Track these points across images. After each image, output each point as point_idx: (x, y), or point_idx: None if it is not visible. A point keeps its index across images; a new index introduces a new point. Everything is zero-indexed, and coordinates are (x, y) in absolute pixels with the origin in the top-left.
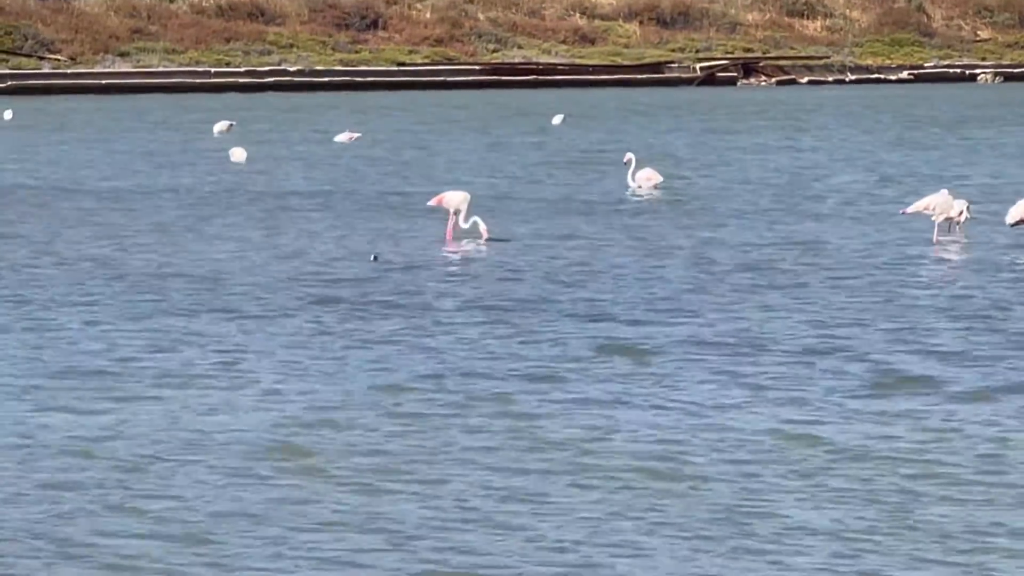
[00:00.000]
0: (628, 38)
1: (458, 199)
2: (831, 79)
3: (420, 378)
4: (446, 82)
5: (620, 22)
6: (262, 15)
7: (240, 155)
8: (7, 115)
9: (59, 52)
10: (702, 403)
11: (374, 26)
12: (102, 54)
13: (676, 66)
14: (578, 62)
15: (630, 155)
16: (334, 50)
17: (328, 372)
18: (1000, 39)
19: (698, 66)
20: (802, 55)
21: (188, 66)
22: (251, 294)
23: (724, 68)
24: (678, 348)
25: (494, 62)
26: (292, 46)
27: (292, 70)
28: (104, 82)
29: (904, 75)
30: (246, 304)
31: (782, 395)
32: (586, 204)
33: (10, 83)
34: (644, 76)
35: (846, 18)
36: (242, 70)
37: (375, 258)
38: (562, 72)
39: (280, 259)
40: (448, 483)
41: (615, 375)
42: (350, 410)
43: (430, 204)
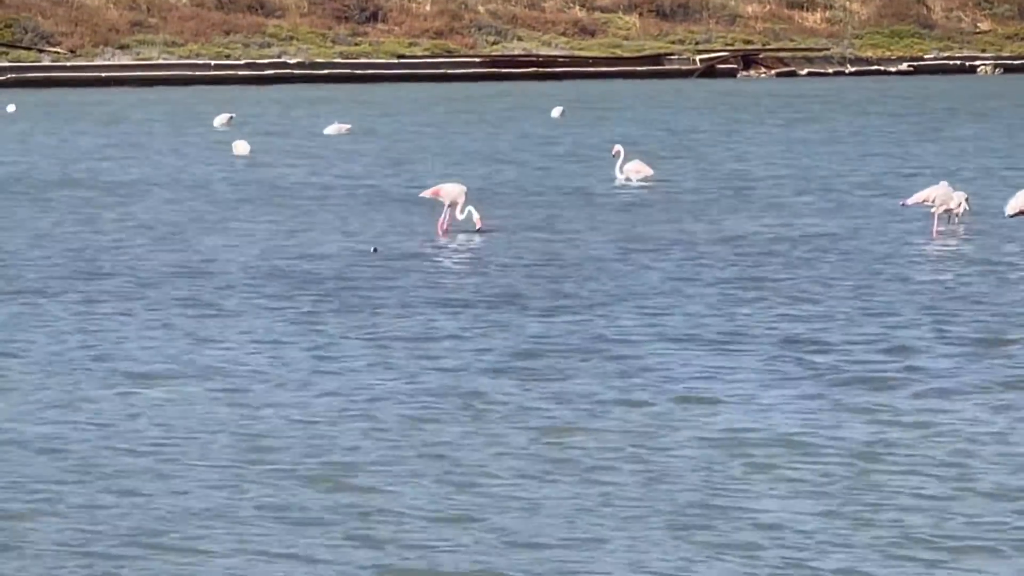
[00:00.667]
0: (628, 30)
1: (455, 192)
2: (831, 71)
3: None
4: (446, 74)
5: (620, 14)
6: (262, 8)
7: (243, 148)
8: (10, 108)
9: (59, 45)
10: (684, 397)
11: (374, 18)
12: (102, 47)
13: (676, 58)
14: (578, 54)
15: (618, 147)
16: (334, 43)
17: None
18: (1000, 31)
19: (698, 58)
20: (802, 47)
21: (188, 59)
22: (248, 286)
23: (724, 60)
24: (659, 342)
25: (494, 54)
26: (292, 39)
27: (292, 63)
28: (104, 75)
29: (904, 67)
30: (243, 296)
31: (765, 390)
32: (580, 196)
33: (10, 76)
34: (644, 68)
35: (846, 10)
36: (242, 63)
37: (375, 250)
38: (562, 64)
39: (278, 251)
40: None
41: (596, 368)
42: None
43: (424, 195)
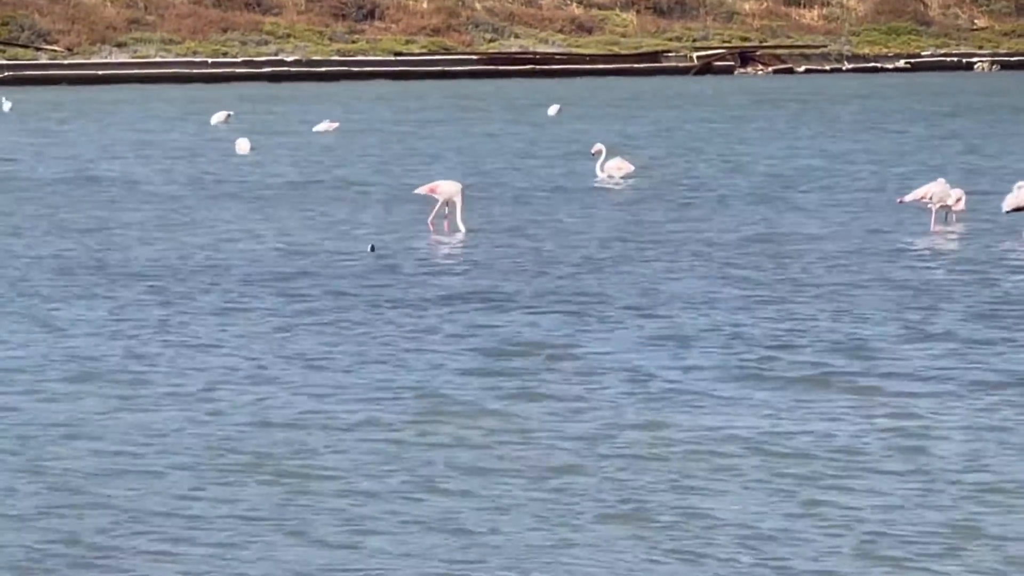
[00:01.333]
0: (625, 27)
1: (451, 189)
2: (828, 68)
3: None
4: (443, 72)
5: (617, 11)
6: (259, 5)
7: (244, 146)
8: (6, 107)
9: (56, 42)
10: (656, 396)
11: (371, 16)
12: (99, 44)
13: (673, 55)
14: (575, 51)
15: (599, 146)
16: (331, 40)
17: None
18: (997, 27)
19: (695, 55)
20: (799, 44)
21: (185, 56)
22: (243, 284)
23: (721, 57)
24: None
25: (491, 52)
26: (289, 36)
27: (289, 60)
28: (101, 72)
29: (901, 64)
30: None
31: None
32: (563, 194)
33: (7, 74)
34: (641, 65)
35: (843, 7)
36: (239, 60)
37: (372, 248)
38: (559, 61)
39: (274, 249)
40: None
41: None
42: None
43: (420, 192)
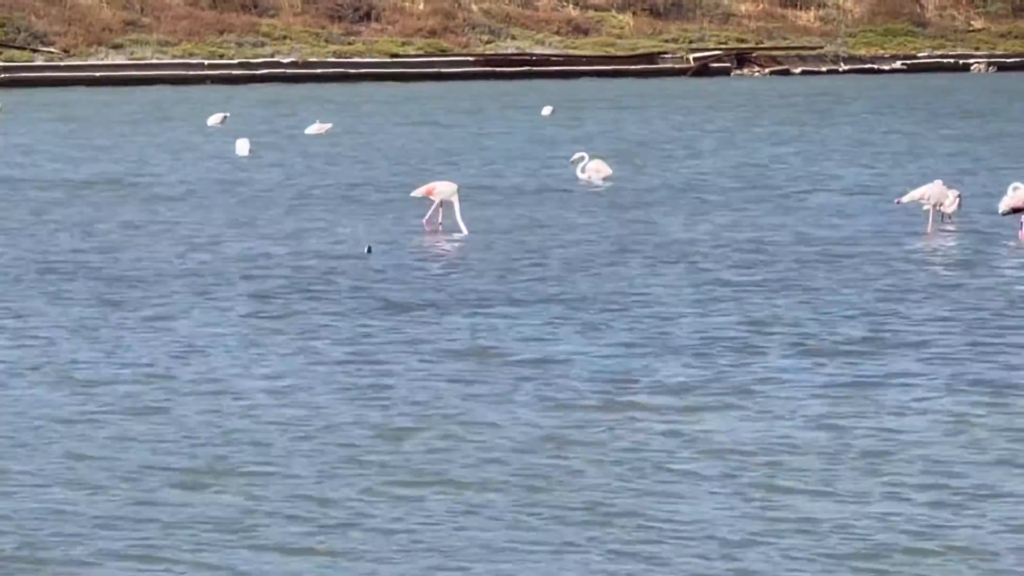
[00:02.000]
0: (621, 29)
1: (448, 190)
2: (824, 69)
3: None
4: (440, 73)
5: (613, 13)
6: (255, 7)
7: (244, 147)
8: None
9: (52, 44)
10: (621, 401)
11: (367, 18)
12: (95, 46)
13: (669, 57)
14: (571, 53)
15: (580, 154)
16: (328, 42)
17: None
18: (993, 29)
19: (691, 57)
20: (795, 45)
21: (182, 58)
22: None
23: (718, 59)
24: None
25: (487, 53)
26: (285, 38)
27: (286, 62)
28: (98, 74)
29: (897, 65)
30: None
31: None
32: (548, 195)
33: (3, 76)
34: (638, 67)
35: (839, 8)
36: (235, 62)
37: (369, 249)
38: (556, 63)
39: (273, 250)
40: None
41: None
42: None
43: (416, 194)
